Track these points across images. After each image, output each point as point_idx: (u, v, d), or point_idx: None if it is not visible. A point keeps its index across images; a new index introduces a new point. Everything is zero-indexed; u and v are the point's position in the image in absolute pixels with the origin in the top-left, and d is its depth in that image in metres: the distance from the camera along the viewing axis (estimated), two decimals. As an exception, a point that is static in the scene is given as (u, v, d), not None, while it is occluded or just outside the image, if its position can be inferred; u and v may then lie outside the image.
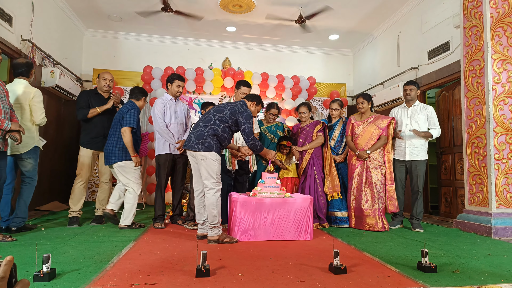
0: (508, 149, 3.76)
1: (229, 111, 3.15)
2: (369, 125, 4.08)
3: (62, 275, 2.03)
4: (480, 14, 3.95)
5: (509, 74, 3.83)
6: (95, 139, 3.95)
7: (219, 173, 3.12)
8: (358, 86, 7.47)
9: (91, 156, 3.96)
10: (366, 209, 3.90)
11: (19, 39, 4.54)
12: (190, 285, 1.89)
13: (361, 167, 4.03)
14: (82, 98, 3.99)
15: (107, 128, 3.92)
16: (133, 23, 6.44)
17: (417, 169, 4.00)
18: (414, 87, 4.09)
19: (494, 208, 3.68)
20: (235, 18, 6.17)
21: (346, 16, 6.07)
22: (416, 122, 4.04)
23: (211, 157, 3.04)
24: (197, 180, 3.24)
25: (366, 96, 4.19)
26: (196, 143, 3.06)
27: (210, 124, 3.11)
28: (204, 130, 3.09)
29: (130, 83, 6.66)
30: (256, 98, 3.38)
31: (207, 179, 3.06)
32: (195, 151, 3.06)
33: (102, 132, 3.96)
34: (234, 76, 6.62)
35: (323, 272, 2.18)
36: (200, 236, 3.21)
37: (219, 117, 3.13)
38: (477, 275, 2.19)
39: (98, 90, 4.12)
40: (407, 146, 4.04)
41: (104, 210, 3.87)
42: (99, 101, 4.02)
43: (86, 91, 4.16)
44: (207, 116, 3.18)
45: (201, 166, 3.07)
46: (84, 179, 3.93)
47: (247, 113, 3.15)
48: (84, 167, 3.91)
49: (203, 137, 3.06)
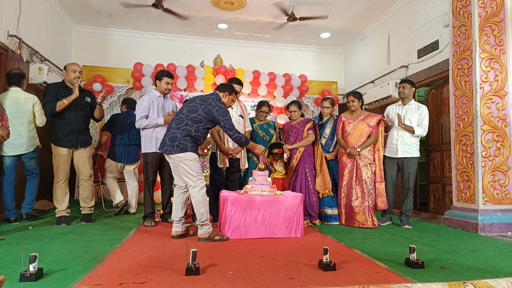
0: (495, 146, 3.83)
1: (203, 111, 3.08)
2: (359, 123, 4.11)
3: (49, 275, 2.01)
4: (469, 13, 4.00)
5: (496, 73, 3.89)
6: (69, 137, 3.72)
7: (200, 170, 3.09)
8: (349, 84, 7.51)
9: (66, 154, 3.74)
10: (356, 206, 3.93)
11: (6, 35, 4.45)
12: (179, 283, 1.89)
13: (351, 165, 4.06)
14: (49, 91, 3.67)
15: (81, 124, 3.78)
16: (123, 19, 6.37)
17: (409, 167, 4.03)
18: (407, 85, 4.11)
19: (481, 205, 3.75)
20: (227, 15, 6.14)
21: (338, 15, 6.09)
22: (409, 120, 4.06)
23: (187, 157, 3.02)
24: (177, 178, 3.21)
25: (357, 94, 4.21)
26: (171, 146, 3.02)
27: (183, 125, 3.05)
28: (177, 132, 3.04)
29: (120, 80, 6.59)
30: (228, 88, 3.28)
31: (188, 178, 3.05)
32: (171, 154, 3.04)
33: (75, 128, 3.75)
34: (226, 73, 6.60)
35: (313, 269, 2.19)
36: (176, 236, 3.12)
37: (192, 118, 3.07)
38: (464, 271, 2.23)
39: (67, 83, 3.80)
40: (398, 144, 4.06)
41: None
42: (68, 95, 3.71)
43: (54, 84, 3.81)
44: (179, 117, 3.10)
45: (179, 167, 3.06)
46: (64, 178, 3.76)
47: (222, 109, 3.10)
48: (60, 167, 3.72)
49: (176, 139, 3.02)
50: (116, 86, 6.53)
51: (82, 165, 3.87)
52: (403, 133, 4.05)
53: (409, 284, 1.83)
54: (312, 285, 1.88)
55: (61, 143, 3.71)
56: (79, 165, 3.87)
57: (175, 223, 3.15)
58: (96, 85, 6.23)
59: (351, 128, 4.13)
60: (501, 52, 3.92)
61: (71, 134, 3.74)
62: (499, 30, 3.92)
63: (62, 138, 3.71)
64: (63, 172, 3.75)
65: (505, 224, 3.68)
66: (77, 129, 3.77)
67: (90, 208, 3.93)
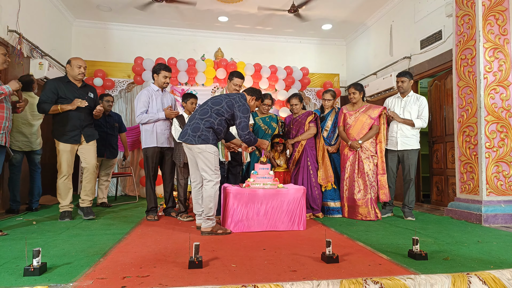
0: (499, 137, 3.79)
1: (226, 104, 3.10)
2: (361, 115, 4.07)
3: (53, 269, 2.01)
4: (472, 2, 3.93)
5: (500, 63, 3.84)
6: (72, 132, 3.66)
7: (218, 165, 3.08)
8: (352, 76, 7.45)
9: (70, 150, 3.68)
10: (358, 199, 3.92)
11: (6, 30, 4.43)
12: (182, 276, 1.89)
13: (353, 157, 4.04)
14: (48, 89, 3.56)
15: (84, 120, 3.72)
16: (123, 13, 6.32)
17: (409, 158, 4.02)
18: (406, 78, 4.06)
19: (485, 196, 3.73)
20: (227, 8, 6.08)
21: (339, 5, 6.02)
22: (409, 112, 4.03)
23: (208, 149, 3.00)
24: (194, 172, 3.21)
25: (358, 86, 4.17)
26: (192, 136, 3.01)
27: (206, 116, 3.06)
28: (200, 122, 3.05)
29: (121, 75, 6.57)
30: (256, 93, 3.33)
31: (205, 172, 3.04)
32: (192, 144, 3.02)
33: (78, 124, 3.69)
34: (227, 67, 6.56)
35: (316, 261, 2.19)
36: (199, 227, 3.19)
37: (216, 109, 3.08)
38: (467, 262, 2.22)
39: (70, 78, 3.71)
40: (398, 136, 4.04)
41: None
42: (71, 90, 3.66)
43: (55, 79, 3.71)
44: (204, 108, 3.13)
45: (198, 159, 3.04)
46: (67, 174, 3.71)
47: (244, 107, 3.11)
48: (64, 163, 3.67)
49: (199, 129, 3.02)
50: (117, 80, 6.51)
51: (88, 156, 3.80)
52: (402, 126, 4.03)
53: (412, 276, 1.82)
54: (315, 277, 1.87)
55: (64, 139, 3.66)
56: (86, 157, 3.80)
57: (197, 216, 3.26)
58: (97, 80, 6.21)
59: (352, 121, 4.10)
60: (505, 41, 3.86)
61: (74, 130, 3.68)
62: (503, 19, 3.86)
63: (65, 134, 3.65)
64: (67, 168, 3.70)
65: (509, 215, 3.66)
66: (80, 125, 3.71)
67: (90, 201, 3.84)
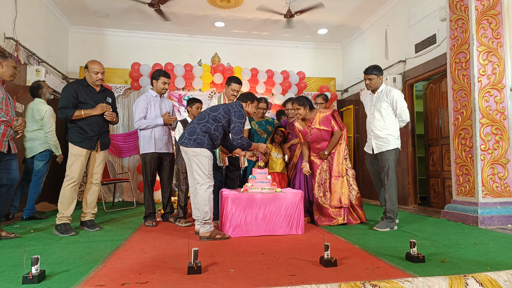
0: (494, 139, 3.83)
1: (223, 110, 3.19)
2: (314, 129, 3.87)
3: (52, 277, 2.01)
4: (466, 6, 3.99)
5: (494, 66, 3.89)
6: (91, 138, 3.51)
7: (211, 170, 3.12)
8: (348, 80, 7.50)
9: (85, 155, 3.50)
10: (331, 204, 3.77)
11: (3, 37, 4.43)
12: (181, 282, 1.89)
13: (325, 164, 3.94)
14: (67, 93, 3.42)
15: (102, 126, 3.58)
16: (120, 19, 6.35)
17: (383, 160, 3.60)
18: (374, 75, 3.62)
19: (481, 198, 3.76)
20: (224, 13, 6.12)
21: (335, 10, 6.07)
22: (379, 110, 3.64)
23: (202, 153, 3.05)
24: (191, 177, 3.24)
25: (300, 101, 3.83)
26: (188, 139, 3.08)
27: (204, 121, 3.14)
28: (196, 126, 3.12)
29: (118, 81, 6.58)
30: (249, 97, 3.37)
31: (198, 175, 3.07)
32: (187, 147, 3.07)
33: (97, 129, 3.54)
34: (224, 72, 6.59)
35: (314, 265, 2.20)
36: (198, 232, 3.20)
37: (213, 116, 3.17)
38: (464, 264, 2.24)
39: (89, 83, 3.58)
40: (372, 139, 3.71)
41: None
42: (90, 95, 3.53)
43: (74, 83, 3.54)
44: (202, 114, 3.23)
45: (192, 162, 3.09)
46: (77, 180, 3.47)
47: (240, 113, 3.19)
48: (77, 168, 3.45)
49: (195, 133, 3.08)
50: (114, 86, 6.52)
51: (97, 167, 3.66)
52: (374, 128, 3.66)
53: (410, 279, 1.84)
54: (314, 281, 1.88)
55: (82, 144, 3.48)
56: (94, 167, 3.66)
57: (196, 222, 3.27)
58: (94, 86, 6.21)
59: (310, 135, 3.91)
60: (499, 45, 3.92)
61: (93, 136, 3.52)
62: (496, 23, 3.92)
63: (84, 140, 3.48)
64: (77, 175, 3.47)
65: (504, 217, 3.69)
66: (98, 130, 3.55)
67: (93, 214, 3.70)
